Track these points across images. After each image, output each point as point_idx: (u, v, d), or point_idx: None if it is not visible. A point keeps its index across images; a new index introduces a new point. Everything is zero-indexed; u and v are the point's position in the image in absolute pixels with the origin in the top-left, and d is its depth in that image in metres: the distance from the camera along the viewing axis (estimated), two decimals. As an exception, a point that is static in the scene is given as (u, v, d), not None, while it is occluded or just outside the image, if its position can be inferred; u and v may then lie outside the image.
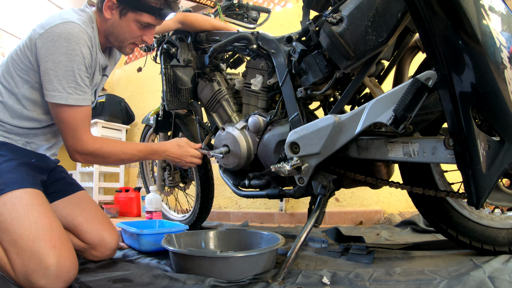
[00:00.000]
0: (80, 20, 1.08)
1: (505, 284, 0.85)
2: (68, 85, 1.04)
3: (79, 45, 1.04)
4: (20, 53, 1.09)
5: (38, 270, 0.89)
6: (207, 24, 1.56)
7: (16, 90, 1.11)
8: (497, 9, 0.84)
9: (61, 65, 1.02)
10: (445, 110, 0.86)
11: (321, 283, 0.96)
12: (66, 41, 1.02)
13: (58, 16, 1.06)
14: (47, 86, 1.04)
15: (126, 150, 1.19)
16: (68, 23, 1.04)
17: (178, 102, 1.63)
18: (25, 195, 1.00)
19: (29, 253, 0.91)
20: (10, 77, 1.11)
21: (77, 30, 1.04)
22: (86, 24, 1.10)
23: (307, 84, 1.20)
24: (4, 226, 0.94)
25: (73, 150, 1.11)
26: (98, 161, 1.19)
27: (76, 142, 1.09)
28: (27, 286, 0.91)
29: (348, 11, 1.01)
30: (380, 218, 2.19)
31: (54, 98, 1.04)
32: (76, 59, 1.04)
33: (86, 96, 1.09)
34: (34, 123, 1.16)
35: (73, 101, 1.05)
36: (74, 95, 1.05)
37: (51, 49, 1.02)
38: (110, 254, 1.26)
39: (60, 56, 1.02)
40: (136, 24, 1.16)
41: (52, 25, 1.03)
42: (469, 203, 0.88)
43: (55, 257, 0.92)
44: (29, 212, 0.97)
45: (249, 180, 1.42)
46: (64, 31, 1.02)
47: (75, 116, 1.07)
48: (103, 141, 1.16)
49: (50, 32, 1.03)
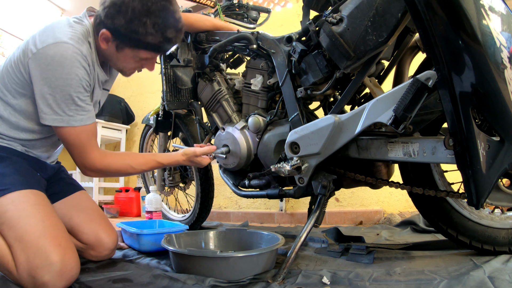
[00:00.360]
0: (74, 38, 1.02)
1: (505, 284, 0.85)
2: (68, 108, 1.01)
3: (74, 68, 1.00)
4: (14, 66, 1.05)
5: (43, 265, 0.90)
6: (207, 24, 1.56)
7: (13, 101, 1.08)
8: (497, 9, 0.84)
9: (58, 90, 0.99)
10: (445, 110, 0.86)
11: (321, 283, 0.96)
12: (60, 65, 0.98)
13: (51, 33, 1.01)
14: (45, 109, 1.01)
15: (135, 166, 1.18)
16: (61, 44, 0.98)
17: (178, 102, 1.63)
18: (31, 195, 1.02)
19: (35, 249, 0.92)
20: (6, 89, 1.08)
21: (70, 52, 0.99)
22: (81, 41, 1.04)
23: (307, 84, 1.20)
24: (11, 222, 0.95)
25: (83, 168, 1.11)
26: (109, 176, 1.18)
27: (84, 161, 1.08)
28: (30, 282, 0.91)
29: (348, 11, 1.01)
30: (380, 218, 2.19)
31: (55, 121, 1.01)
32: (73, 83, 1.00)
33: (89, 114, 1.06)
34: (32, 135, 1.13)
35: (76, 123, 1.03)
36: (76, 116, 1.02)
37: (46, 72, 0.98)
38: (108, 254, 1.25)
39: (56, 81, 0.98)
40: (134, 58, 1.11)
41: (45, 45, 0.98)
42: (469, 203, 0.88)
43: (60, 254, 0.93)
44: (35, 210, 0.99)
45: (249, 180, 1.42)
46: (57, 53, 0.98)
47: (80, 137, 1.05)
48: (112, 157, 1.14)
49: (43, 54, 0.98)
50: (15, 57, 1.06)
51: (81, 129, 1.04)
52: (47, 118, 1.01)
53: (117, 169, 1.14)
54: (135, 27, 1.02)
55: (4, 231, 0.95)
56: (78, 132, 1.04)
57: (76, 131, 1.03)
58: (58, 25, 1.05)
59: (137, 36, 1.03)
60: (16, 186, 1.01)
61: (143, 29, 1.02)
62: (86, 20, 1.11)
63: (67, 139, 1.05)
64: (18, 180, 1.03)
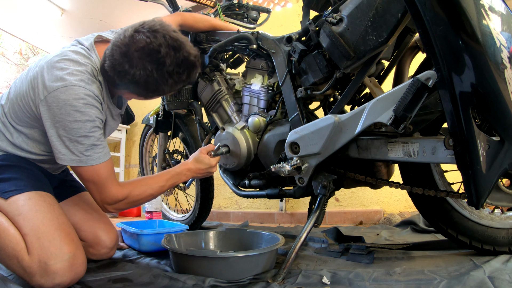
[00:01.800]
0: (84, 80, 1.00)
1: (505, 284, 0.85)
2: (84, 149, 1.00)
3: (87, 109, 0.98)
4: (25, 102, 1.04)
5: (56, 254, 0.94)
6: (207, 24, 1.56)
7: (26, 131, 1.08)
8: (497, 9, 0.84)
9: (72, 132, 0.97)
10: (445, 110, 0.86)
11: (321, 283, 0.96)
12: (73, 108, 0.96)
13: (60, 73, 0.98)
14: (63, 151, 1.00)
15: (153, 185, 1.16)
16: (72, 88, 0.96)
17: (178, 102, 1.63)
18: (47, 196, 1.06)
19: (51, 238, 0.96)
20: (18, 119, 1.07)
21: (82, 95, 0.97)
22: (91, 82, 1.02)
23: (307, 84, 1.20)
24: (28, 214, 0.98)
25: (103, 204, 1.09)
26: (131, 206, 1.14)
27: (105, 197, 1.06)
28: (40, 270, 0.92)
29: (348, 11, 1.01)
30: (380, 218, 2.19)
31: (73, 162, 1.00)
32: (87, 124, 0.98)
33: (105, 150, 1.05)
34: (41, 157, 1.14)
35: (94, 161, 1.01)
36: (93, 155, 1.01)
37: (59, 116, 0.97)
38: (107, 252, 1.26)
39: (70, 124, 0.97)
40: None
41: (55, 88, 0.96)
42: (469, 203, 0.88)
43: (72, 248, 0.98)
44: (52, 209, 1.03)
45: (249, 180, 1.42)
46: (69, 98, 0.96)
47: (99, 174, 1.03)
48: (130, 185, 1.12)
49: (54, 98, 0.96)
50: (23, 90, 1.04)
51: (99, 166, 1.03)
52: (65, 159, 1.00)
53: (137, 195, 1.12)
54: (159, 91, 1.06)
55: (19, 221, 0.98)
56: (97, 170, 1.03)
57: (94, 169, 1.02)
58: (64, 60, 1.01)
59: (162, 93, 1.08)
60: (32, 187, 1.05)
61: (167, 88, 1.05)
62: (95, 55, 1.08)
63: (86, 177, 1.04)
64: (33, 183, 1.06)
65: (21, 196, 1.01)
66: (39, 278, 0.92)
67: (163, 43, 0.98)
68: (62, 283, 0.94)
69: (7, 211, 0.99)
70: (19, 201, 1.00)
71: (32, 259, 0.93)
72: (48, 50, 3.83)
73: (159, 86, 1.03)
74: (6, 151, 1.10)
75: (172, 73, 1.01)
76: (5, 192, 1.01)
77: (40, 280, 0.92)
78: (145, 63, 0.97)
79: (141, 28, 0.99)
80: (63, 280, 0.94)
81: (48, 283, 0.93)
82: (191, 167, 1.24)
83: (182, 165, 1.24)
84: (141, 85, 1.02)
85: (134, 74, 0.98)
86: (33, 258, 0.93)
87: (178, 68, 1.01)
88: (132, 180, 1.18)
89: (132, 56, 0.97)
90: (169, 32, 1.00)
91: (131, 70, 0.98)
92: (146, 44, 0.97)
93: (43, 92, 0.98)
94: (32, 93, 1.01)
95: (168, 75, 1.00)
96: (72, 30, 3.32)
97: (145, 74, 0.98)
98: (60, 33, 3.40)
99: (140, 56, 0.97)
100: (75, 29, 3.29)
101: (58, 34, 3.43)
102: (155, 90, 1.04)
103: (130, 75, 0.99)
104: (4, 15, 3.08)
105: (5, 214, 0.99)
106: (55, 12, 3.00)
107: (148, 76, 0.99)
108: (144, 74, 0.98)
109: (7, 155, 1.10)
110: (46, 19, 3.13)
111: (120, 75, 1.01)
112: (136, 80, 1.00)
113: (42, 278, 0.92)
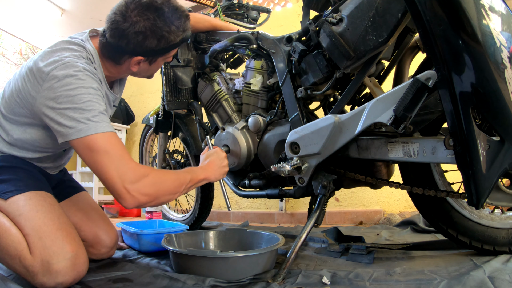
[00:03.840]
0: (80, 61, 0.99)
1: (505, 284, 0.85)
2: (92, 115, 0.92)
3: (88, 78, 0.97)
4: (22, 97, 1.02)
5: (59, 253, 0.94)
6: (207, 24, 1.56)
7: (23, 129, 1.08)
8: (497, 9, 0.84)
9: (77, 99, 0.92)
10: (445, 110, 0.86)
11: (321, 283, 0.96)
12: (74, 77, 0.94)
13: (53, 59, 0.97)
14: (68, 123, 0.92)
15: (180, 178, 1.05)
16: (69, 63, 0.96)
17: (178, 102, 1.63)
18: (47, 196, 1.06)
19: (53, 237, 0.96)
20: (15, 115, 1.06)
21: (81, 68, 0.97)
22: (88, 64, 1.02)
23: (307, 84, 1.20)
24: (29, 214, 0.98)
25: (123, 184, 0.91)
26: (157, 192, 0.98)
27: (125, 171, 0.92)
28: (42, 269, 0.92)
29: (348, 11, 1.01)
30: (380, 218, 2.19)
31: (81, 132, 0.91)
32: (91, 91, 0.95)
33: (112, 128, 0.98)
34: (40, 154, 1.14)
35: (104, 128, 0.93)
36: (101, 122, 0.94)
37: (61, 89, 0.93)
38: (107, 252, 1.26)
39: (73, 92, 0.93)
40: (164, 59, 1.17)
41: (52, 68, 0.95)
42: (469, 203, 0.88)
43: (74, 247, 0.98)
44: (52, 208, 1.03)
45: (249, 180, 1.42)
46: (68, 71, 0.94)
47: (113, 142, 0.93)
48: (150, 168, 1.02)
49: (53, 76, 0.94)
50: (18, 85, 1.03)
51: (111, 134, 0.94)
52: (72, 133, 0.91)
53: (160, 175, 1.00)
54: (167, 39, 1.06)
55: (21, 221, 0.97)
56: (109, 137, 0.93)
57: (106, 136, 0.92)
58: (61, 51, 1.01)
59: (169, 44, 1.08)
60: (32, 187, 1.05)
61: (173, 36, 1.07)
62: (89, 45, 1.08)
63: (98, 147, 0.91)
64: (32, 184, 1.06)
65: (21, 196, 1.01)
66: (42, 277, 0.92)
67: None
68: (65, 282, 0.94)
69: (8, 211, 0.99)
70: (19, 201, 1.00)
71: (34, 259, 0.93)
72: (48, 50, 3.83)
73: (164, 33, 1.05)
74: (3, 152, 1.10)
75: (172, 19, 1.05)
76: (4, 192, 1.01)
77: (43, 279, 0.92)
78: (146, 13, 1.01)
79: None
80: (65, 279, 0.94)
81: (51, 282, 0.93)
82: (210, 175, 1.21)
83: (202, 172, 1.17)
84: (148, 36, 1.03)
85: (139, 27, 1.01)
86: (36, 258, 0.93)
87: (176, 14, 1.06)
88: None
89: (132, 14, 1.01)
90: None
91: (135, 24, 1.01)
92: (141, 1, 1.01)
93: (41, 77, 0.96)
94: (29, 85, 0.99)
95: (169, 20, 1.04)
96: (72, 30, 3.31)
97: (149, 23, 1.01)
98: (60, 33, 3.41)
99: (140, 11, 1.01)
100: (75, 29, 3.28)
101: (58, 34, 3.43)
102: (161, 37, 1.05)
103: (135, 28, 1.01)
104: (4, 15, 3.08)
105: (6, 214, 0.99)
106: (55, 12, 3.00)
107: (152, 25, 1.02)
108: (148, 23, 1.01)
109: (4, 156, 1.10)
110: (46, 19, 3.13)
111: (124, 34, 1.02)
112: (142, 31, 1.02)
113: (45, 277, 0.92)
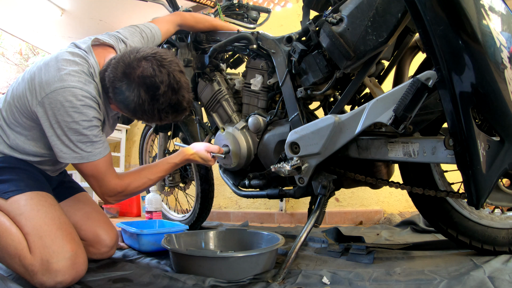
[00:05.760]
0: (81, 81, 1.01)
1: (505, 284, 0.85)
2: (85, 146, 1.02)
3: (84, 110, 1.00)
4: (21, 103, 1.04)
5: (58, 252, 0.95)
6: (207, 24, 1.56)
7: (24, 132, 1.09)
8: (497, 9, 0.84)
9: (71, 132, 1.00)
10: (445, 110, 0.86)
11: (321, 283, 0.96)
12: (71, 109, 0.98)
13: (56, 74, 0.99)
14: (64, 150, 1.02)
15: (152, 176, 1.20)
16: (69, 90, 0.98)
17: (178, 102, 1.62)
18: (48, 197, 1.08)
19: (53, 236, 0.97)
20: (16, 121, 1.08)
21: (80, 96, 0.99)
22: (88, 82, 1.03)
23: (307, 84, 1.20)
24: (30, 214, 0.99)
25: (103, 196, 1.13)
26: (130, 196, 1.20)
27: (105, 190, 1.11)
28: (41, 268, 0.93)
29: (348, 11, 1.01)
30: (380, 218, 2.19)
31: (75, 159, 1.03)
32: (85, 124, 1.00)
33: (104, 144, 1.08)
34: (40, 158, 1.15)
35: (95, 157, 1.05)
36: (94, 151, 1.04)
37: (57, 117, 0.98)
38: (108, 251, 1.26)
39: (69, 124, 0.99)
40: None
41: (52, 89, 0.97)
42: (469, 203, 0.88)
43: (74, 247, 0.99)
44: (53, 208, 1.04)
45: (249, 180, 1.42)
46: (66, 99, 0.97)
47: (98, 169, 1.07)
48: (129, 176, 1.15)
49: (51, 99, 0.97)
50: (20, 91, 1.04)
51: (98, 161, 1.06)
52: (67, 157, 1.03)
53: (136, 186, 1.16)
54: (144, 119, 1.10)
55: (21, 221, 0.98)
56: (97, 165, 1.06)
57: (94, 164, 1.06)
58: (61, 62, 1.02)
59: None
60: (33, 188, 1.05)
61: (164, 115, 1.08)
62: (92, 58, 1.09)
63: (86, 172, 1.07)
64: (33, 184, 1.07)
65: (22, 196, 1.01)
66: (41, 276, 0.93)
67: (165, 81, 1.00)
68: (64, 281, 0.94)
69: (8, 211, 0.99)
70: (20, 201, 1.00)
71: (34, 258, 0.94)
72: (48, 50, 3.83)
73: (144, 116, 1.07)
74: (4, 153, 1.10)
75: (161, 111, 1.04)
76: (5, 192, 1.01)
77: (42, 278, 0.93)
78: (142, 92, 1.00)
79: (152, 57, 1.01)
80: (65, 278, 0.94)
81: (50, 281, 0.93)
82: (190, 159, 1.28)
83: (181, 155, 1.27)
84: (130, 109, 1.05)
85: (128, 97, 1.01)
86: (35, 257, 0.94)
87: (168, 109, 1.05)
88: (131, 171, 1.19)
89: (133, 80, 1.00)
90: (174, 71, 1.02)
91: (127, 92, 1.01)
92: (149, 76, 0.99)
93: (40, 93, 0.99)
94: (29, 94, 1.02)
95: (157, 111, 1.04)
96: (72, 30, 3.32)
97: (138, 101, 1.01)
98: (60, 33, 3.40)
99: (140, 83, 1.00)
100: (75, 29, 3.29)
101: (58, 34, 3.43)
102: (139, 117, 1.09)
103: (124, 95, 1.02)
104: (4, 15, 3.08)
105: (6, 214, 0.99)
106: (55, 12, 2.99)
107: (139, 105, 1.02)
108: (136, 101, 1.01)
109: (5, 157, 1.10)
110: (46, 19, 3.13)
111: (115, 91, 1.03)
112: (127, 102, 1.03)
113: (44, 276, 0.93)
